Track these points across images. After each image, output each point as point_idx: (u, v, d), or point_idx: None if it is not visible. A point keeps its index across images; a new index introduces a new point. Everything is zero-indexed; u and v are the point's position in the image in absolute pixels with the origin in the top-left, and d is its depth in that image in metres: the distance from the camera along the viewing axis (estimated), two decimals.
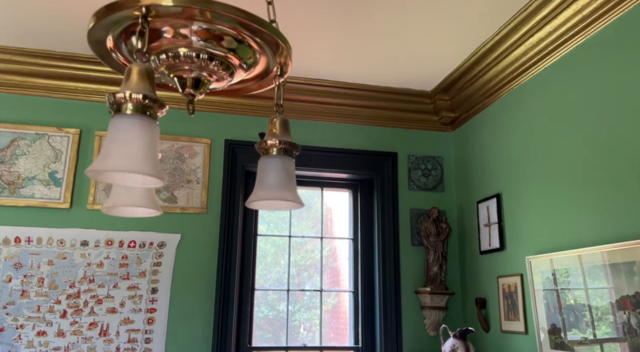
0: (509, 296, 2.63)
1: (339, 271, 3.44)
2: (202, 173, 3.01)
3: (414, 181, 3.27)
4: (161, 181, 0.92)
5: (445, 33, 2.57)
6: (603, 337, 2.00)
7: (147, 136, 0.90)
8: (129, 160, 0.86)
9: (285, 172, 1.16)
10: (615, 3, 2.03)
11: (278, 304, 3.33)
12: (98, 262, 2.79)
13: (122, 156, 0.86)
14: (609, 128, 2.07)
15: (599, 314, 2.03)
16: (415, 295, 3.08)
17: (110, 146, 0.88)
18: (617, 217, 1.99)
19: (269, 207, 1.20)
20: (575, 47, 2.30)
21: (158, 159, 0.92)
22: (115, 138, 0.88)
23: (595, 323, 2.04)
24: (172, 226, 2.90)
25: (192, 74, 1.13)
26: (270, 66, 1.21)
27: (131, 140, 0.88)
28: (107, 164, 0.85)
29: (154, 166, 0.89)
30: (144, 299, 2.79)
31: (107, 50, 1.10)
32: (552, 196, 2.37)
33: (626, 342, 1.88)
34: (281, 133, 1.19)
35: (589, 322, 2.07)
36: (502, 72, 2.74)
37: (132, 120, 0.90)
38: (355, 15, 2.41)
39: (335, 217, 3.51)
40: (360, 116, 3.28)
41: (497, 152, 2.85)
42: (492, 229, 2.80)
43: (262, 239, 3.27)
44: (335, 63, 2.90)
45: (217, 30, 1.07)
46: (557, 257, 2.26)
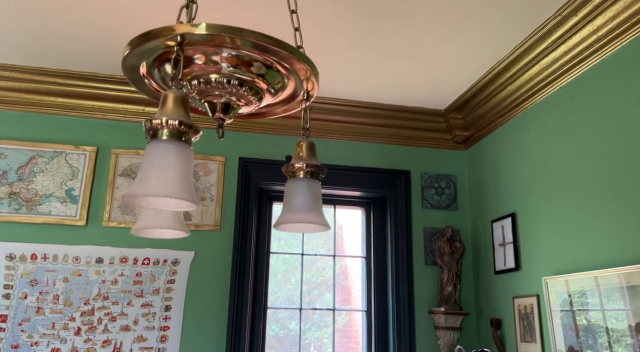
0: (525, 316, 2.60)
1: (350, 289, 3.42)
2: (216, 191, 3.03)
3: (427, 200, 3.27)
4: (194, 205, 0.93)
5: (459, 53, 2.59)
6: None
7: (183, 161, 0.92)
8: (166, 185, 0.87)
9: (312, 195, 1.17)
10: (632, 24, 2.05)
11: (289, 323, 3.31)
12: (112, 280, 2.80)
13: (160, 181, 0.87)
14: (625, 148, 2.07)
15: (616, 337, 2.00)
16: (429, 315, 3.06)
17: (147, 171, 0.89)
18: (634, 238, 1.98)
19: (297, 230, 1.21)
20: (590, 67, 2.31)
21: (192, 184, 0.93)
22: (152, 164, 0.89)
23: (612, 345, 2.02)
24: (186, 243, 2.91)
25: (222, 99, 1.15)
26: (297, 91, 1.23)
27: (168, 165, 0.89)
28: (145, 189, 0.87)
29: (189, 191, 0.90)
30: (158, 316, 2.79)
31: (140, 77, 1.13)
32: (567, 216, 2.36)
33: None
34: (308, 156, 1.21)
35: (607, 345, 2.04)
36: (516, 91, 2.75)
37: (169, 146, 0.91)
38: (370, 35, 2.45)
39: (346, 234, 3.51)
40: (373, 134, 3.30)
41: (512, 172, 2.85)
42: (507, 249, 2.79)
43: (273, 256, 3.26)
44: (349, 82, 2.93)
45: (247, 57, 1.09)
46: (573, 279, 2.25)
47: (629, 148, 2.05)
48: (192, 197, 0.90)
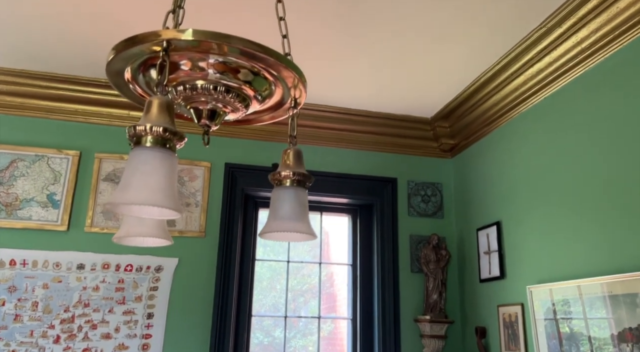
0: (509, 325, 2.61)
1: (336, 297, 3.40)
2: (201, 196, 3.00)
3: (413, 207, 3.27)
4: (179, 213, 0.91)
5: (446, 62, 2.61)
6: None
7: (167, 169, 0.90)
8: (150, 193, 0.85)
9: (299, 203, 1.16)
10: (614, 37, 2.09)
11: (274, 330, 3.28)
12: (94, 286, 2.74)
13: (143, 189, 0.85)
14: (608, 159, 2.10)
15: (598, 345, 2.02)
16: (414, 323, 3.05)
17: (130, 178, 0.87)
18: (617, 248, 2.00)
19: (282, 239, 1.20)
20: (574, 78, 2.34)
21: (176, 191, 0.91)
22: (135, 170, 0.87)
23: None
24: (169, 249, 2.87)
25: (208, 105, 1.14)
26: (284, 98, 1.22)
27: (151, 173, 0.87)
28: (128, 197, 0.85)
29: (173, 199, 0.88)
30: (140, 324, 2.74)
31: (125, 82, 1.11)
32: (552, 225, 2.39)
33: None
34: (295, 164, 1.20)
35: None
36: (502, 101, 2.78)
37: (152, 153, 0.89)
38: (358, 43, 2.45)
39: (332, 241, 3.50)
40: (361, 142, 3.30)
41: (497, 180, 2.87)
42: (492, 257, 2.80)
43: (258, 263, 3.24)
44: (338, 89, 2.93)
45: (234, 63, 1.08)
46: (556, 287, 2.26)
47: (612, 158, 2.08)
48: (176, 206, 0.88)
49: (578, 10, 2.13)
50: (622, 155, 2.03)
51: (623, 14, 2.01)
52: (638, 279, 1.86)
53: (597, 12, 2.08)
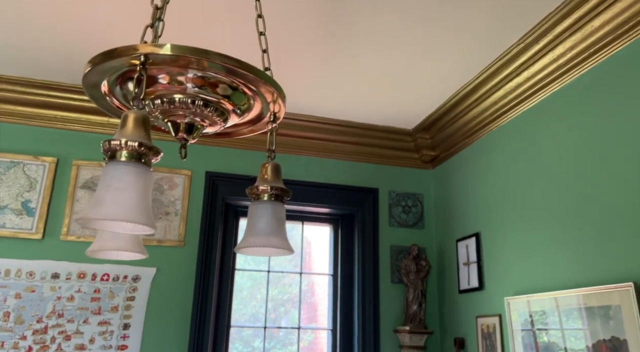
0: (487, 336, 2.63)
1: (317, 306, 3.39)
2: (181, 205, 2.97)
3: (394, 217, 3.29)
4: (152, 229, 0.90)
5: (427, 74, 2.64)
6: None
7: (142, 184, 0.89)
8: (123, 209, 0.84)
9: (276, 218, 1.15)
10: (590, 54, 2.14)
11: (253, 341, 3.24)
12: (69, 296, 2.69)
13: (116, 205, 0.84)
14: (584, 173, 2.14)
15: None
16: (394, 334, 3.06)
17: (104, 193, 0.86)
18: (593, 261, 2.04)
19: (259, 254, 1.19)
20: (551, 93, 2.39)
21: (151, 207, 0.90)
22: (109, 186, 0.86)
23: None
24: (147, 259, 2.78)
25: (185, 119, 1.13)
26: (263, 112, 1.22)
27: (125, 188, 0.86)
28: (100, 212, 0.83)
29: (147, 215, 0.87)
30: (115, 335, 2.69)
31: (101, 94, 1.09)
32: (530, 237, 2.42)
33: None
34: (273, 179, 1.19)
35: None
36: (482, 114, 2.82)
37: (127, 168, 0.88)
38: (341, 54, 2.47)
39: (314, 251, 3.49)
40: (343, 152, 3.31)
41: (477, 192, 2.90)
42: (471, 268, 2.83)
43: (239, 272, 3.21)
44: (320, 99, 2.94)
45: (212, 78, 1.08)
46: (534, 299, 2.29)
47: (586, 173, 2.12)
48: (149, 222, 0.87)
49: (555, 28, 2.18)
50: (596, 170, 2.08)
51: (597, 33, 2.06)
52: (611, 291, 1.89)
53: (572, 31, 2.13)
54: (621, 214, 1.94)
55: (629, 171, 1.92)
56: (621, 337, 1.85)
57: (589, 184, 2.11)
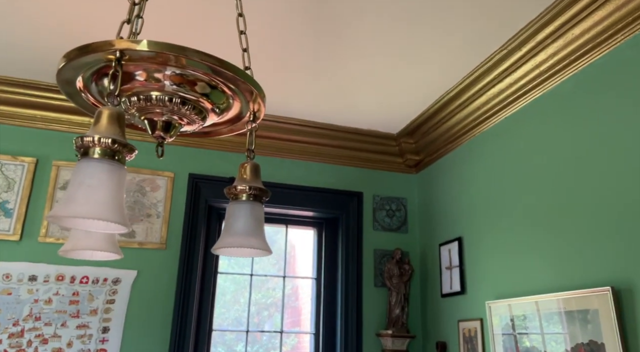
0: (469, 340, 2.64)
1: (300, 311, 3.37)
2: (163, 207, 2.93)
3: (378, 221, 3.29)
4: (125, 228, 0.89)
5: (411, 80, 2.66)
6: None
7: (115, 181, 0.87)
8: (95, 206, 0.83)
9: (254, 218, 1.14)
10: (571, 61, 2.17)
11: (236, 345, 3.21)
12: (46, 299, 2.64)
13: (88, 202, 0.83)
14: (564, 178, 2.17)
15: None
16: (376, 338, 3.05)
17: (75, 191, 0.84)
18: (572, 265, 2.06)
19: (236, 254, 1.18)
20: (533, 99, 2.42)
21: (124, 205, 0.89)
22: (81, 183, 0.84)
23: None
24: (128, 261, 2.79)
25: (163, 117, 1.11)
26: (243, 112, 1.21)
27: (98, 185, 0.85)
28: (71, 210, 0.82)
29: (120, 213, 0.85)
30: (94, 338, 2.64)
31: (76, 90, 1.07)
32: (511, 242, 2.44)
33: None
34: (251, 179, 1.18)
35: None
36: (465, 119, 2.84)
37: (100, 165, 0.87)
38: (326, 58, 2.47)
39: (298, 254, 3.48)
40: (327, 155, 3.31)
41: (459, 196, 2.92)
42: (454, 272, 2.84)
43: (222, 276, 3.18)
44: (305, 103, 2.94)
45: (191, 76, 1.07)
46: (515, 303, 2.30)
47: (567, 179, 2.15)
48: (122, 220, 0.85)
49: (537, 35, 2.20)
50: (575, 176, 2.10)
51: (577, 40, 2.09)
52: (590, 295, 1.91)
53: (554, 38, 2.16)
54: (600, 219, 1.96)
55: (607, 177, 1.95)
56: (599, 341, 1.87)
57: (568, 189, 2.13)
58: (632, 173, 1.85)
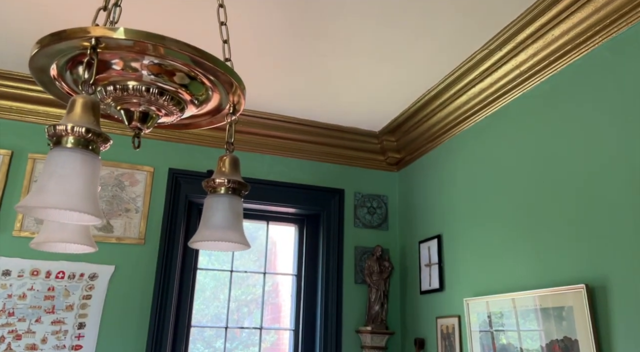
0: (447, 336, 2.66)
1: (281, 307, 3.37)
2: (142, 202, 2.89)
3: (359, 218, 3.30)
4: (98, 219, 0.87)
5: (393, 78, 2.67)
6: None
7: (88, 172, 0.85)
8: (67, 197, 0.81)
9: (233, 212, 1.13)
10: (550, 62, 2.20)
11: (215, 341, 3.19)
12: (20, 294, 2.58)
13: (59, 192, 0.81)
14: (541, 178, 2.20)
15: None
16: (356, 334, 3.06)
17: (47, 181, 0.82)
18: (549, 263, 2.09)
19: (213, 248, 1.17)
20: (513, 99, 2.45)
21: (97, 196, 0.87)
22: (52, 172, 0.82)
23: None
24: (105, 256, 2.74)
25: (140, 107, 1.09)
26: (222, 104, 1.19)
27: (70, 175, 0.82)
28: (42, 200, 0.80)
29: (93, 204, 0.84)
30: (70, 334, 2.60)
31: (50, 78, 1.05)
32: (489, 239, 2.47)
33: None
34: (230, 172, 1.17)
35: None
36: (445, 118, 2.86)
37: (73, 155, 0.85)
38: (308, 55, 2.46)
39: (279, 251, 3.46)
40: (309, 152, 3.30)
41: (439, 195, 2.94)
42: (433, 270, 2.86)
43: (202, 272, 3.15)
44: (287, 98, 2.93)
45: (169, 66, 1.05)
46: (492, 300, 2.33)
47: (543, 178, 2.18)
48: (95, 211, 0.84)
49: (517, 36, 2.23)
50: (551, 175, 2.14)
51: (557, 41, 2.12)
52: (565, 293, 1.95)
53: (534, 39, 2.19)
54: (575, 218, 2.00)
55: (583, 177, 1.98)
56: (573, 338, 1.90)
57: (545, 189, 2.17)
58: (606, 173, 1.88)
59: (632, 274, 1.73)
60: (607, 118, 1.92)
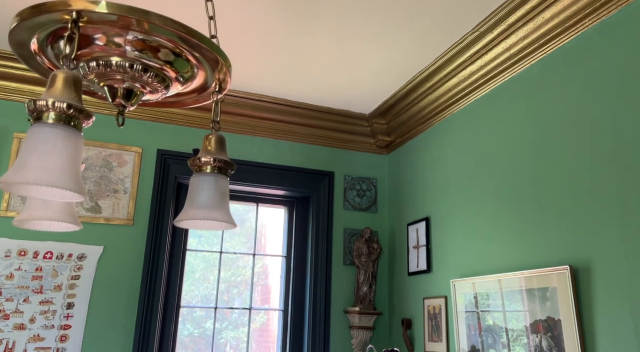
0: (433, 317, 2.70)
1: (270, 289, 3.39)
2: (130, 183, 2.88)
3: (349, 201, 3.31)
4: (81, 196, 0.86)
5: (384, 60, 2.65)
6: None
7: (70, 148, 0.84)
8: (48, 173, 0.80)
9: (219, 191, 1.13)
10: (540, 45, 2.20)
11: (205, 322, 3.22)
12: (8, 274, 2.57)
13: (40, 169, 0.79)
14: (528, 161, 2.21)
15: (514, 337, 2.13)
16: (344, 315, 3.10)
17: (28, 157, 0.81)
18: (534, 245, 2.12)
19: (199, 227, 1.16)
20: (503, 82, 2.45)
21: (80, 173, 0.86)
22: (33, 149, 0.81)
23: (511, 345, 2.15)
24: (94, 237, 2.73)
25: (124, 84, 1.08)
26: (208, 81, 1.18)
27: (51, 152, 0.81)
28: (22, 176, 0.78)
29: (75, 181, 0.83)
30: (58, 315, 2.60)
31: (31, 53, 1.03)
32: (476, 222, 2.49)
33: None
34: (217, 151, 1.16)
35: (505, 344, 2.17)
36: (436, 101, 2.86)
37: (55, 131, 0.83)
38: (298, 35, 2.43)
39: (269, 233, 3.47)
40: (299, 134, 3.29)
41: (428, 178, 2.96)
42: (421, 252, 2.89)
43: (192, 254, 3.16)
44: (277, 80, 2.90)
45: (154, 42, 1.03)
46: (479, 281, 2.36)
47: (531, 161, 2.19)
48: (77, 188, 0.83)
49: (508, 18, 2.22)
50: (540, 159, 2.15)
51: (548, 24, 2.12)
52: (550, 274, 1.98)
53: (525, 21, 2.18)
54: (558, 201, 2.02)
55: (569, 160, 2.00)
56: (556, 318, 1.94)
57: (532, 172, 2.18)
58: (593, 156, 1.90)
59: (615, 256, 1.76)
60: (595, 101, 1.93)
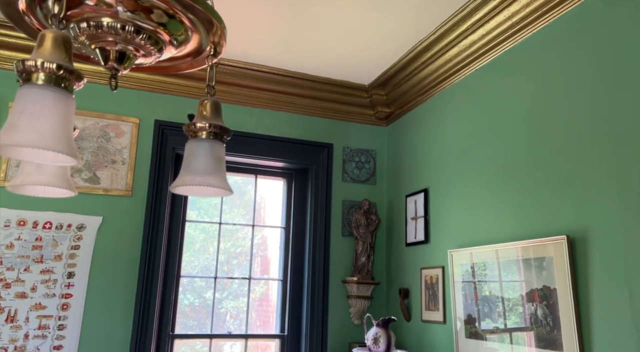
0: (430, 287, 2.73)
1: (269, 260, 3.42)
2: (128, 154, 2.86)
3: (347, 173, 3.31)
4: (74, 159, 0.85)
5: (384, 29, 2.60)
6: (513, 327, 2.14)
7: (61, 110, 0.83)
8: (38, 135, 0.78)
9: (214, 157, 1.11)
10: (542, 13, 2.15)
11: (205, 292, 3.26)
12: (7, 244, 2.59)
13: (31, 131, 0.78)
14: (527, 132, 2.19)
15: (510, 305, 2.16)
16: (342, 284, 3.13)
17: (17, 119, 0.79)
18: (531, 215, 2.12)
19: (195, 193, 1.16)
20: (503, 52, 2.41)
21: (72, 136, 0.85)
22: (23, 110, 0.80)
23: (506, 314, 2.18)
24: (93, 207, 2.74)
25: (116, 46, 1.05)
26: (203, 45, 1.15)
27: (42, 113, 0.80)
28: (12, 138, 0.77)
29: (66, 143, 0.81)
30: (59, 283, 2.63)
31: (19, 13, 1.00)
32: (474, 193, 2.49)
33: (532, 332, 2.02)
34: (212, 116, 1.14)
35: (501, 313, 2.20)
36: (436, 71, 2.82)
37: (44, 92, 0.82)
38: (298, 2, 2.38)
39: (268, 205, 3.48)
40: (298, 105, 3.26)
41: (427, 149, 2.94)
42: (419, 223, 2.90)
43: (191, 225, 3.17)
44: (276, 50, 2.85)
45: (146, 2, 1.00)
46: (476, 251, 2.38)
47: (532, 131, 2.18)
48: (69, 150, 0.82)
49: None
50: (537, 128, 2.13)
51: None
52: (546, 244, 1.99)
53: None
54: (557, 171, 2.01)
55: (568, 130, 1.98)
56: (552, 286, 1.96)
57: (530, 142, 2.17)
58: (592, 126, 1.88)
59: (612, 225, 1.76)
60: (596, 70, 1.90)
